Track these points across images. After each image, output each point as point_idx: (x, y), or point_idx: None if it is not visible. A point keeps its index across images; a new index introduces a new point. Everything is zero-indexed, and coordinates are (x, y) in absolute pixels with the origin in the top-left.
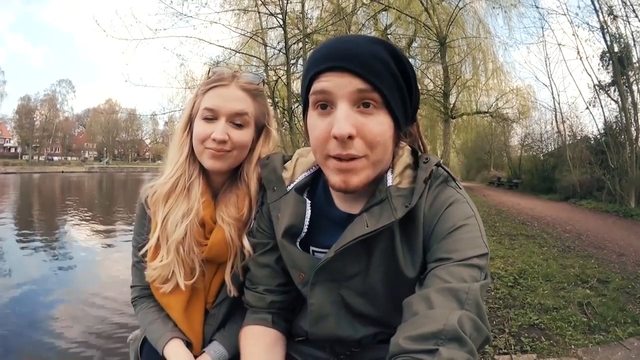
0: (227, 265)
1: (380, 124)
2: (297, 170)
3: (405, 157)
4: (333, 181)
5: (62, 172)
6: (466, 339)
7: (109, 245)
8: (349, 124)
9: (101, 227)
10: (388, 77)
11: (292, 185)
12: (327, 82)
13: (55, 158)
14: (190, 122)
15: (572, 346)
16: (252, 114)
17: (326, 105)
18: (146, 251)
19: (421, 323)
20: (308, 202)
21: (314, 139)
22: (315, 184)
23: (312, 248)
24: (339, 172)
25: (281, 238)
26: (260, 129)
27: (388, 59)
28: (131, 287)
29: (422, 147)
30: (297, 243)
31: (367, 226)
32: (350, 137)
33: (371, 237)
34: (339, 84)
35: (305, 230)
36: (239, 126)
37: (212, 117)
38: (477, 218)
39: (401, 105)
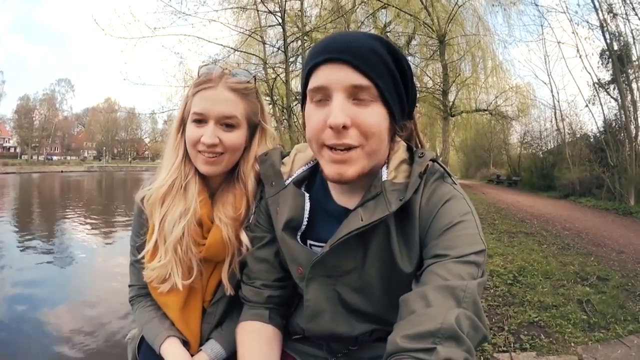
0: (225, 264)
1: (375, 115)
2: (295, 165)
3: (400, 152)
4: (327, 172)
5: (62, 171)
6: (464, 338)
7: (108, 244)
8: (344, 114)
9: (100, 226)
10: (384, 70)
11: (290, 179)
12: (324, 75)
13: (55, 157)
14: (183, 124)
15: (572, 344)
16: (242, 114)
17: (323, 99)
18: (142, 245)
19: (419, 321)
20: (306, 195)
21: (310, 128)
22: (313, 178)
23: (309, 242)
24: (333, 163)
25: (281, 232)
26: (255, 127)
27: (385, 54)
28: (129, 286)
29: (419, 144)
30: (298, 237)
31: (362, 220)
32: (345, 127)
33: (367, 232)
34: (336, 77)
35: (305, 223)
36: (230, 127)
37: (201, 120)
38: (474, 214)
39: (397, 99)
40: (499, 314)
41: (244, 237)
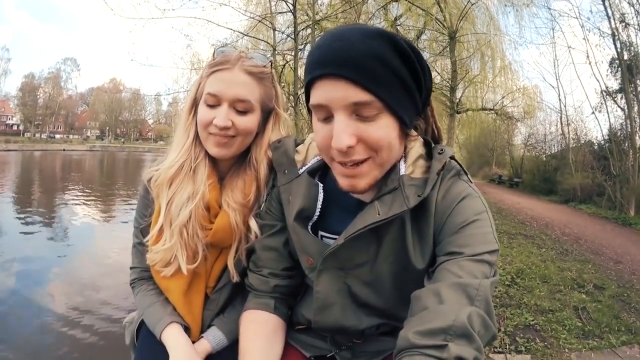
0: (231, 250)
1: (381, 128)
2: (309, 154)
3: (417, 147)
4: (341, 183)
5: (64, 150)
6: (474, 336)
7: (107, 221)
8: (347, 135)
9: (101, 206)
10: (388, 76)
11: (304, 168)
12: (322, 93)
13: (57, 136)
14: (195, 104)
15: (566, 349)
16: (256, 99)
17: (327, 118)
18: (146, 227)
19: (431, 318)
20: (320, 185)
21: (318, 143)
22: (327, 167)
23: (320, 232)
24: (344, 177)
25: (293, 221)
26: (269, 113)
27: (388, 54)
28: (130, 268)
29: (435, 131)
30: (309, 227)
31: (379, 214)
32: (351, 147)
33: (382, 226)
34: (335, 95)
35: (317, 213)
36: (243, 112)
37: (214, 102)
38: (488, 214)
39: (407, 101)
40: (495, 315)
41: (253, 224)
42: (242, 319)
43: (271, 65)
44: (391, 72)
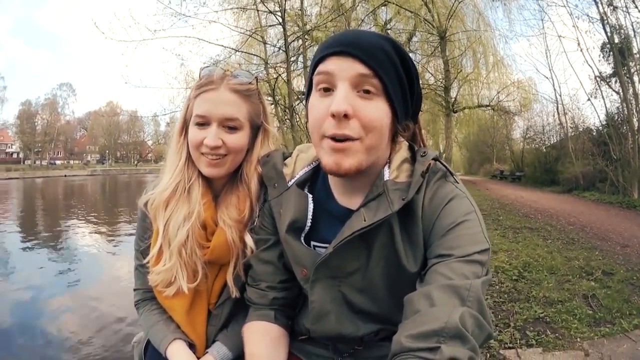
0: (229, 267)
1: (377, 109)
2: (297, 166)
3: (402, 151)
4: (325, 162)
5: (65, 175)
6: (468, 336)
7: (113, 247)
8: (347, 102)
9: (105, 230)
10: (390, 67)
11: (293, 180)
12: (331, 65)
13: (58, 162)
14: (185, 126)
15: (578, 339)
16: (244, 116)
17: (328, 88)
18: (146, 249)
19: (423, 321)
20: (310, 196)
21: (312, 118)
22: (316, 178)
23: (313, 243)
24: (332, 153)
25: (285, 233)
26: (257, 128)
27: (391, 52)
28: (134, 290)
29: (422, 144)
30: (302, 238)
31: (365, 220)
32: (347, 117)
33: (370, 233)
34: (342, 66)
35: (308, 224)
36: (233, 129)
37: (203, 122)
38: (477, 213)
39: (401, 96)
40: (504, 311)
41: (249, 239)
42: (244, 331)
43: (256, 80)
44: (393, 66)
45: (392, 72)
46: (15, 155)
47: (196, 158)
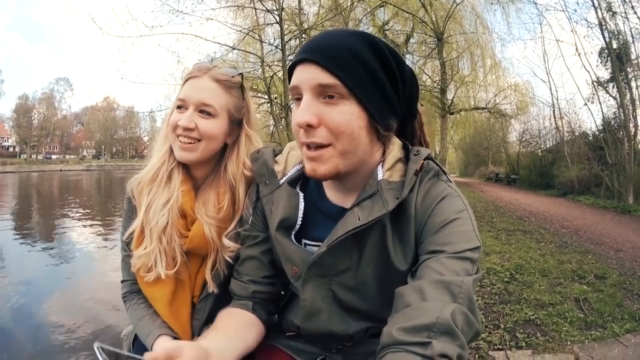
0: (208, 262)
1: (343, 113)
2: (289, 164)
3: (396, 151)
4: (305, 167)
5: (61, 170)
6: (458, 333)
7: (106, 240)
8: (309, 113)
9: (99, 224)
10: (357, 68)
11: (284, 178)
12: (296, 75)
13: (54, 156)
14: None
15: (568, 342)
16: (221, 105)
17: (300, 99)
18: (132, 240)
19: (414, 315)
20: (301, 194)
21: (292, 125)
22: (307, 177)
23: (304, 241)
24: (308, 160)
25: (275, 231)
26: (238, 125)
27: (362, 49)
28: (121, 282)
29: (424, 145)
30: (292, 236)
31: (359, 219)
32: (311, 126)
33: (363, 231)
34: (304, 77)
35: (299, 223)
36: (207, 115)
37: (182, 105)
38: (469, 212)
39: (378, 96)
40: (495, 312)
41: (227, 242)
42: (218, 315)
43: (242, 77)
44: (360, 65)
45: (360, 72)
46: (11, 149)
47: (172, 140)
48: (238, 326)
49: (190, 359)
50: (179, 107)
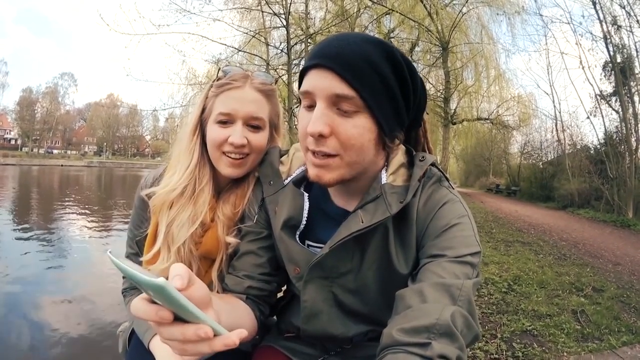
0: (215, 264)
1: (356, 127)
2: (294, 164)
3: (399, 156)
4: (310, 172)
5: (62, 165)
6: (458, 335)
7: (105, 237)
8: (322, 123)
9: (98, 221)
10: (374, 79)
11: (289, 178)
12: (310, 81)
13: (55, 151)
14: (199, 125)
15: (565, 353)
16: (267, 115)
17: (311, 105)
18: (141, 239)
19: (414, 316)
20: (306, 195)
21: (299, 130)
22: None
23: (307, 242)
24: (314, 166)
25: (280, 231)
26: (272, 129)
27: (380, 60)
28: (123, 277)
29: (427, 151)
30: (297, 236)
31: (362, 222)
32: (322, 136)
33: (365, 234)
34: (320, 84)
35: (304, 223)
36: (256, 128)
37: (227, 120)
38: (470, 217)
39: (390, 109)
40: (492, 322)
41: (229, 238)
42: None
43: (276, 82)
44: (377, 77)
45: (378, 84)
46: (13, 142)
47: (216, 158)
48: (236, 302)
49: (199, 289)
50: (221, 121)
